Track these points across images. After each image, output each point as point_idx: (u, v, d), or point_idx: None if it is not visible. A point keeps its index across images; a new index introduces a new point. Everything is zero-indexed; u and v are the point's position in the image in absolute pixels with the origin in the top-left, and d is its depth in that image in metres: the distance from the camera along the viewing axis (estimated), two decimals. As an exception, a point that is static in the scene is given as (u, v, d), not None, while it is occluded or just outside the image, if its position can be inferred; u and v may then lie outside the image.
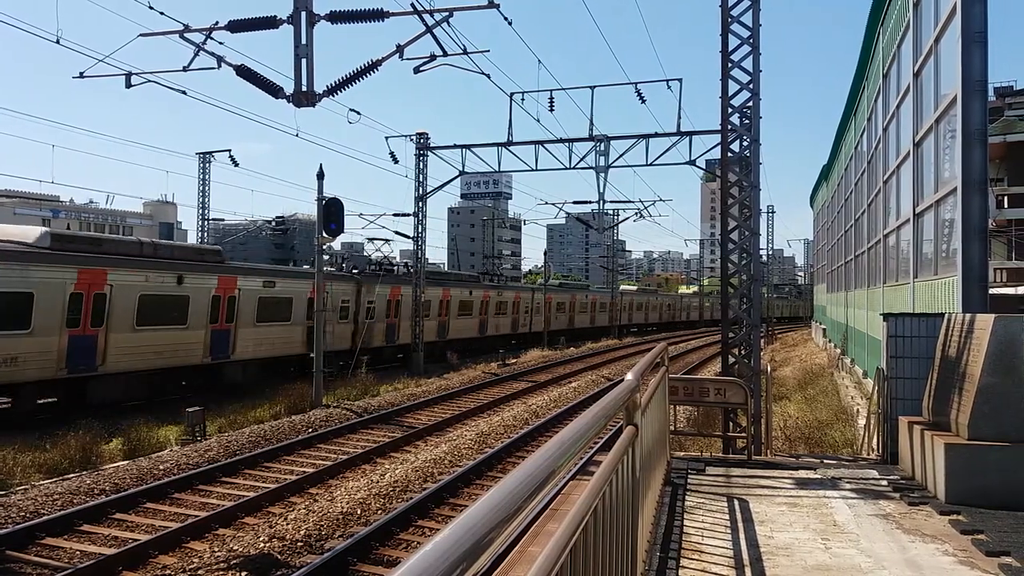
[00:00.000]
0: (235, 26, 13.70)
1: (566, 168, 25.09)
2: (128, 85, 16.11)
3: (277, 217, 65.80)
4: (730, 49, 13.02)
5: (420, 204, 29.60)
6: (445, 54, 15.00)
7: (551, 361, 32.13)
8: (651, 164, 24.18)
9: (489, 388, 23.03)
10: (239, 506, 9.97)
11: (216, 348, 21.03)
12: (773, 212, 65.64)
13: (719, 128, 13.49)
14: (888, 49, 14.91)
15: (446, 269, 63.93)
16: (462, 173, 27.57)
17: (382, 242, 33.47)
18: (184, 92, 17.51)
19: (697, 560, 4.96)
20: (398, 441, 14.55)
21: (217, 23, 13.98)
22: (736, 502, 6.45)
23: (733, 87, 13.11)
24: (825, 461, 8.46)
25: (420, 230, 29.89)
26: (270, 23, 12.97)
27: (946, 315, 7.60)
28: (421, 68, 15.58)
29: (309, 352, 21.36)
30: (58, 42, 15.59)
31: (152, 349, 19.11)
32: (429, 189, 29.38)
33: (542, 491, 1.55)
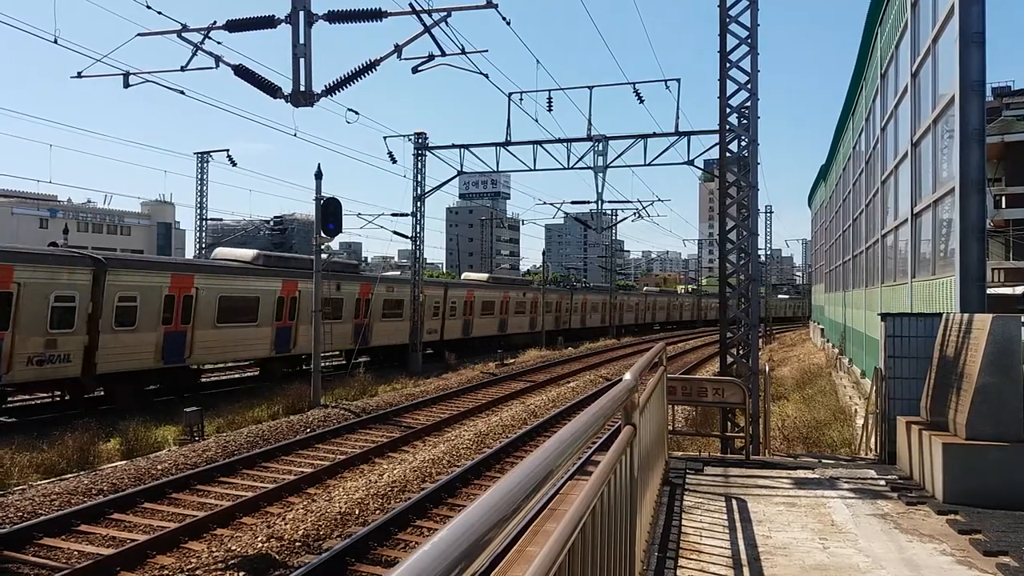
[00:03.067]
0: (233, 26, 13.68)
1: (564, 168, 25.10)
2: (126, 85, 16.09)
3: (275, 217, 65.80)
4: (728, 49, 13.03)
5: (418, 204, 29.58)
6: (443, 54, 14.99)
7: (549, 361, 32.11)
8: (649, 164, 24.19)
9: (487, 388, 23.03)
10: (237, 506, 9.96)
11: (358, 337, 27.56)
12: (771, 212, 65.77)
13: (717, 128, 13.50)
14: (886, 49, 14.92)
15: (444, 269, 64.45)
16: (460, 173, 27.55)
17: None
18: (182, 92, 17.50)
19: (695, 560, 4.96)
20: (396, 441, 14.54)
21: (215, 23, 13.96)
22: (734, 502, 6.45)
23: (731, 87, 13.12)
24: (823, 461, 8.46)
25: (418, 230, 29.88)
26: (268, 23, 12.96)
27: (944, 315, 7.60)
28: (419, 68, 15.57)
29: (414, 341, 30.21)
30: (56, 42, 15.58)
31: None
32: (427, 189, 29.38)
33: (540, 491, 1.55)
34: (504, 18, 16.24)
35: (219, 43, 14.44)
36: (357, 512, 9.69)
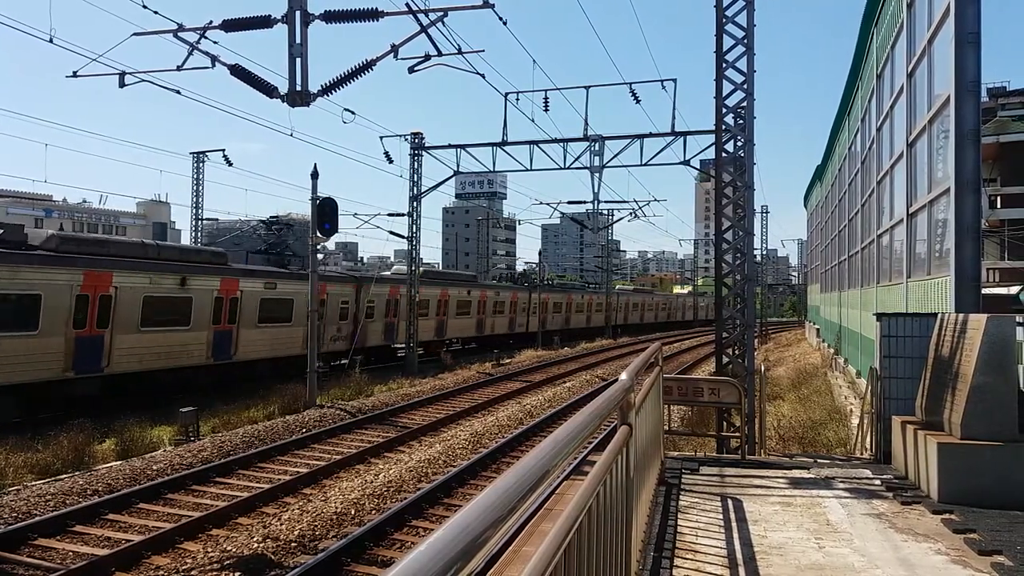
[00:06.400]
0: (229, 25, 13.65)
1: (561, 168, 25.13)
2: (122, 84, 16.03)
3: (271, 217, 65.52)
4: (724, 50, 13.05)
5: (415, 204, 29.55)
6: (440, 54, 14.96)
7: (545, 361, 32.11)
8: (645, 164, 24.24)
9: (483, 388, 23.02)
10: (233, 506, 9.94)
11: (440, 331, 35.47)
12: (767, 212, 65.85)
13: (713, 128, 13.51)
14: (882, 50, 14.96)
15: (441, 269, 65.07)
16: (457, 173, 27.54)
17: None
18: (178, 91, 17.41)
19: (691, 560, 4.97)
20: (392, 441, 14.53)
21: (211, 22, 13.92)
22: (730, 502, 6.46)
23: (727, 87, 13.14)
24: (819, 461, 8.48)
25: (414, 230, 29.86)
26: (264, 22, 12.92)
27: (939, 315, 7.62)
28: (416, 68, 15.56)
29: (479, 333, 39.68)
30: (51, 41, 15.53)
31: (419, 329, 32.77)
32: (424, 189, 29.36)
33: (536, 491, 1.55)
34: (501, 18, 16.21)
35: (215, 43, 14.47)
36: (353, 512, 9.68)
